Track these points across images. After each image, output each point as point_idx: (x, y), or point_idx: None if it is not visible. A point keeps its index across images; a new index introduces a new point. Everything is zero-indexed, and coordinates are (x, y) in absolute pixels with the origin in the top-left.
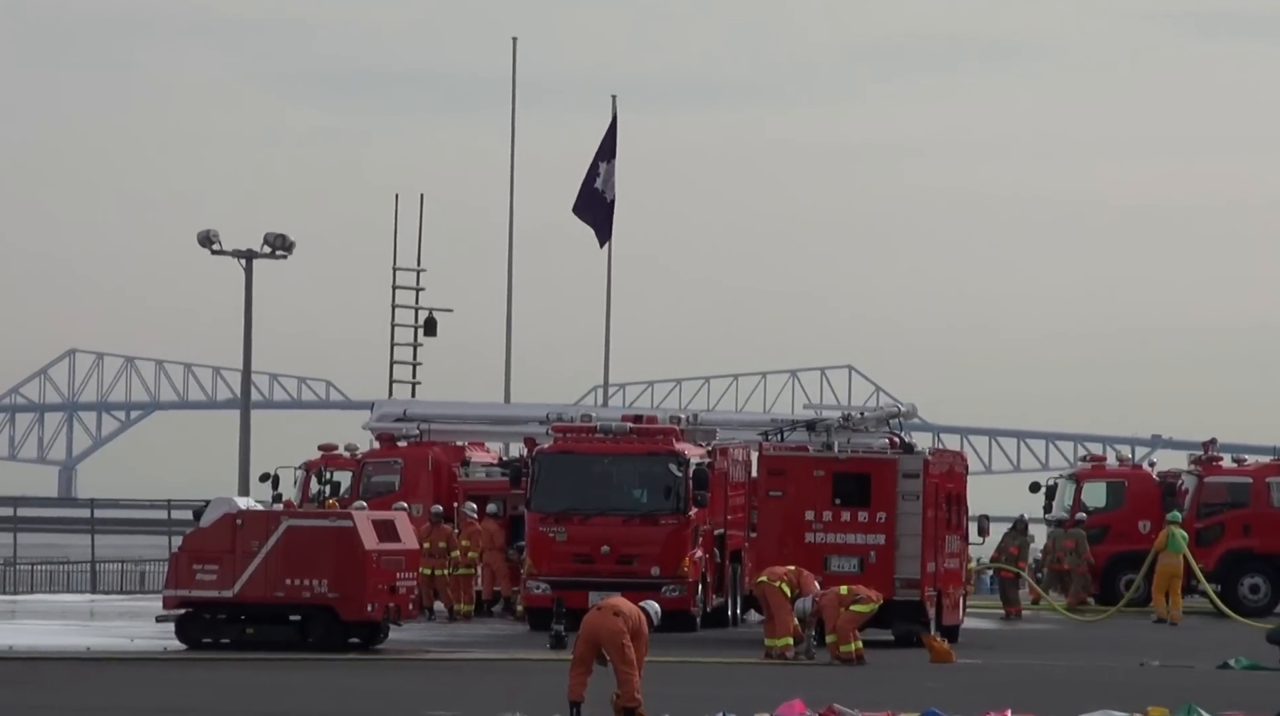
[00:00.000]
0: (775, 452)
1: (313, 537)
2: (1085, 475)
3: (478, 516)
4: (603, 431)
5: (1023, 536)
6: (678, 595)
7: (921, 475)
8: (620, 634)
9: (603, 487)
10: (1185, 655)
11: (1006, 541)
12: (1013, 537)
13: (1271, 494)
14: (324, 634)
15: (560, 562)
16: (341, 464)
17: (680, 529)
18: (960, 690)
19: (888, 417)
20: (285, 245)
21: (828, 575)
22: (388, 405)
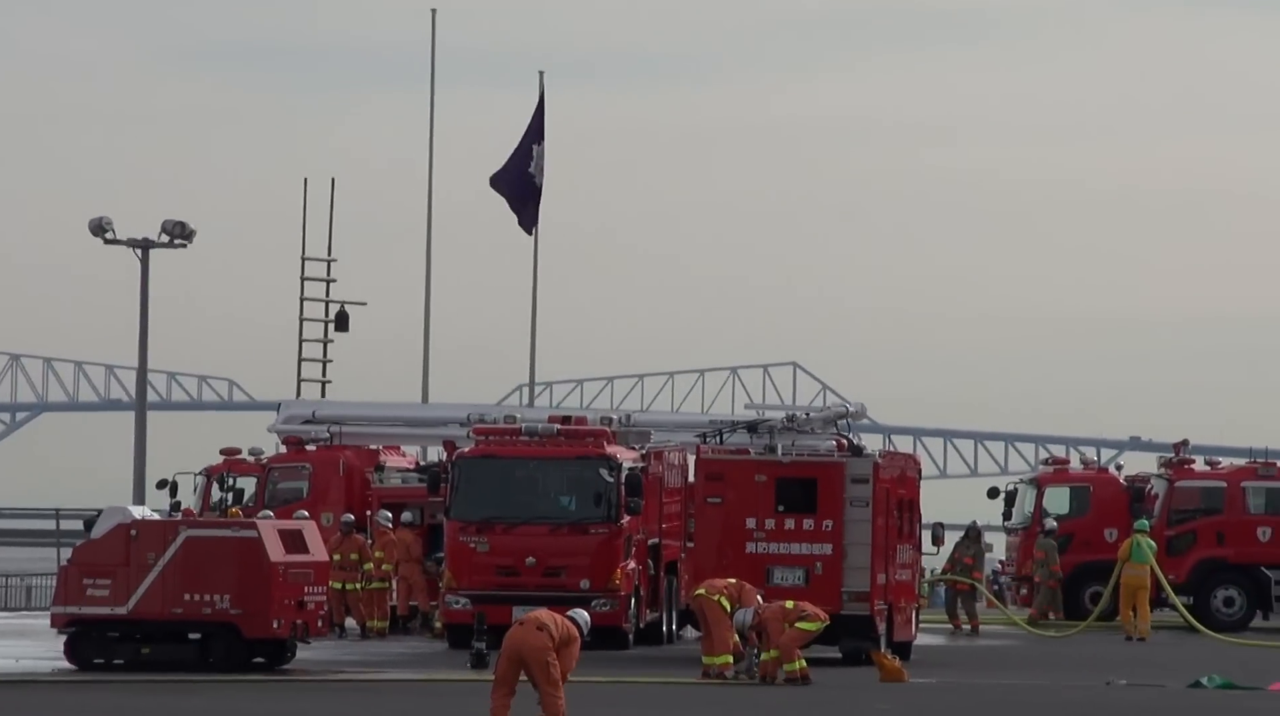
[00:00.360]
0: (714, 456)
1: (214, 549)
2: (1047, 479)
3: (392, 526)
4: (528, 433)
5: (976, 544)
6: (609, 610)
7: (871, 480)
8: (545, 651)
9: (528, 494)
10: (1155, 673)
11: (960, 550)
12: (966, 546)
13: (1247, 499)
14: (226, 653)
15: (482, 575)
16: (245, 469)
17: (612, 538)
18: (912, 711)
19: (835, 418)
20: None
21: (770, 588)
22: (295, 406)
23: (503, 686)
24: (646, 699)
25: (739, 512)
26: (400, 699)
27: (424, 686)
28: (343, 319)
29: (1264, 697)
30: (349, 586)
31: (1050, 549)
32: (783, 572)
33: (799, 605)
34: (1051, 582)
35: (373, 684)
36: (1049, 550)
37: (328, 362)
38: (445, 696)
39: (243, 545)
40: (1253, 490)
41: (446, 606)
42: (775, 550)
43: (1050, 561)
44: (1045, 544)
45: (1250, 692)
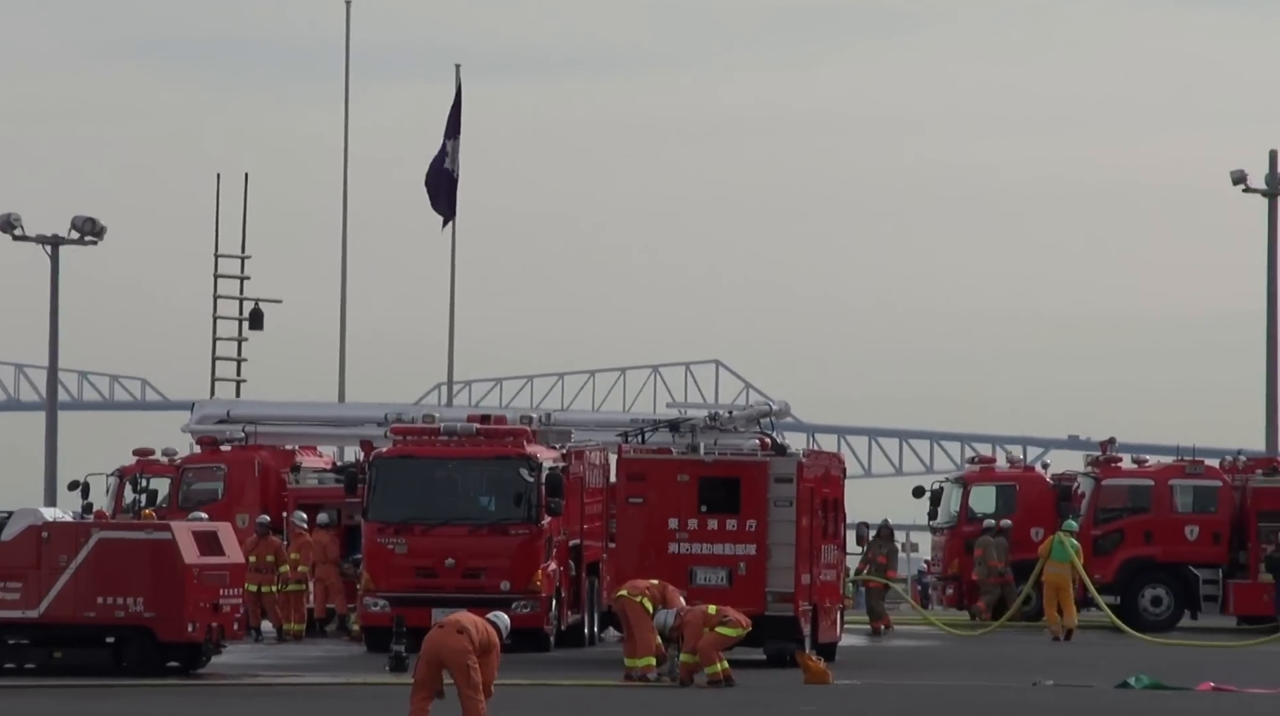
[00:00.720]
0: (636, 456)
1: (127, 551)
2: (973, 478)
3: (308, 527)
4: (447, 433)
5: (889, 543)
6: (530, 611)
7: (795, 479)
8: (465, 653)
9: (447, 495)
10: (1082, 674)
11: (873, 550)
12: (879, 546)
13: (1175, 498)
14: (140, 657)
15: (400, 577)
16: (159, 470)
17: (532, 539)
18: (838, 713)
19: (758, 417)
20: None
21: (693, 588)
22: (209, 406)
23: (422, 689)
24: (568, 702)
25: (661, 513)
26: (318, 702)
27: (342, 690)
28: (257, 317)
29: (1192, 698)
30: (265, 589)
31: (988, 546)
32: (706, 573)
33: (722, 610)
34: (993, 579)
35: (290, 687)
36: (987, 547)
37: (242, 361)
38: (363, 700)
39: (156, 547)
40: (1180, 488)
41: (364, 609)
42: (698, 550)
43: (988, 557)
44: (984, 542)
45: (1178, 692)
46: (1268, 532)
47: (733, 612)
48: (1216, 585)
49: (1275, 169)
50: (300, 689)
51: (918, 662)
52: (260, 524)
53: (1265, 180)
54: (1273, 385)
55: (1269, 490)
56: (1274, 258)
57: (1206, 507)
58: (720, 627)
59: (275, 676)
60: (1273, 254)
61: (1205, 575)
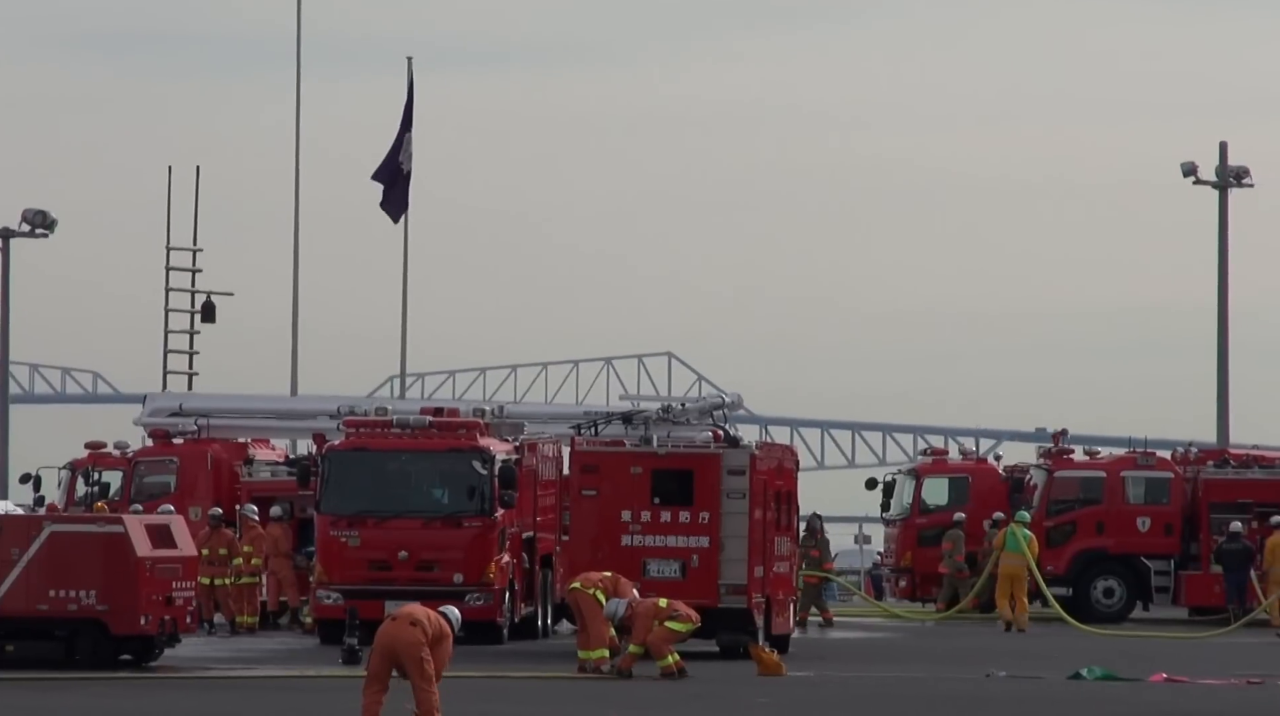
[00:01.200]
0: (589, 448)
1: (79, 544)
2: (926, 470)
3: (259, 519)
4: (399, 426)
5: (819, 536)
6: (483, 604)
7: (748, 471)
8: (418, 646)
9: (400, 487)
10: (1035, 665)
11: (804, 545)
12: (809, 540)
13: (1127, 489)
14: (92, 650)
15: (353, 570)
16: (111, 463)
17: (485, 532)
18: (791, 705)
19: (711, 409)
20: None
21: (647, 581)
22: (161, 398)
23: (375, 682)
24: (521, 694)
25: (614, 505)
26: (271, 695)
27: (295, 682)
28: (209, 309)
29: (1144, 689)
30: (218, 581)
31: (957, 540)
32: (659, 565)
33: (673, 604)
34: (961, 573)
35: (243, 680)
36: (956, 541)
37: (194, 354)
38: (316, 692)
39: (109, 540)
40: (1132, 480)
41: (317, 601)
42: (651, 543)
43: (957, 551)
44: (953, 535)
45: (1129, 685)
46: (1219, 524)
47: (683, 607)
48: (1168, 576)
49: (1226, 161)
50: (253, 682)
51: (871, 654)
52: (213, 516)
53: (1216, 172)
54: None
55: (1220, 482)
56: (1225, 250)
57: (1158, 499)
58: (670, 622)
59: (228, 669)
60: (1223, 246)
61: (1157, 566)
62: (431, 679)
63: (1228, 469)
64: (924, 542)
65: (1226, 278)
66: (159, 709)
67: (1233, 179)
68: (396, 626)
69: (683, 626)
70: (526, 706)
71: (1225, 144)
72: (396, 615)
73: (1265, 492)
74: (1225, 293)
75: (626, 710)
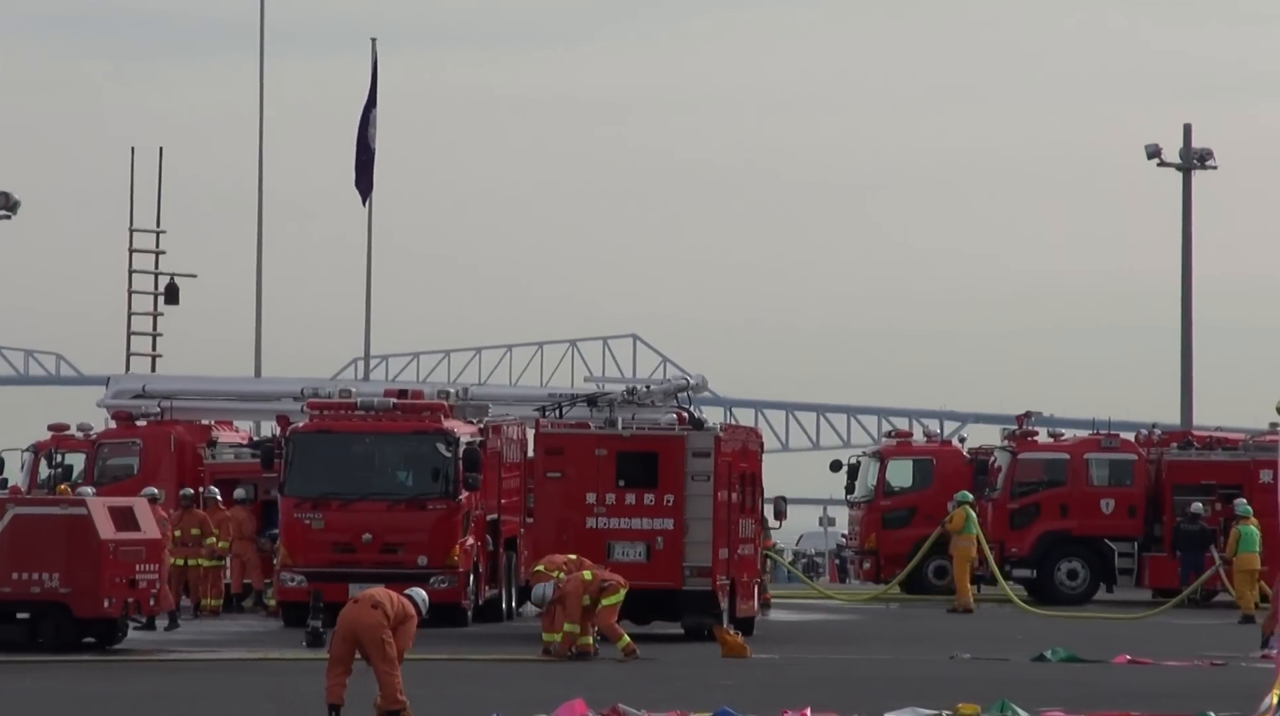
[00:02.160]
0: (553, 430)
1: (42, 527)
2: (890, 452)
3: (222, 502)
4: (364, 408)
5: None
6: (447, 586)
7: (713, 453)
8: (379, 628)
9: (364, 470)
10: (999, 647)
11: None
12: None
13: (1090, 471)
14: (55, 633)
15: (317, 552)
16: (74, 445)
17: (450, 514)
18: (756, 687)
19: (676, 391)
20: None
21: (612, 563)
22: (125, 380)
23: (338, 665)
24: (485, 676)
25: (579, 487)
26: (235, 678)
27: (259, 665)
28: (172, 291)
29: (1108, 670)
30: (191, 562)
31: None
32: (624, 548)
33: (598, 575)
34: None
35: (206, 663)
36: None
37: (158, 336)
38: (280, 675)
39: (72, 523)
40: (1096, 462)
41: (281, 584)
42: (616, 525)
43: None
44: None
45: (1093, 666)
46: (1182, 506)
47: (609, 575)
48: (1132, 558)
49: (1190, 143)
50: (217, 664)
51: (835, 636)
52: (184, 497)
53: (1180, 155)
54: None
55: (1184, 463)
56: (1189, 231)
57: (1122, 481)
58: (604, 599)
59: (192, 652)
60: (1187, 228)
61: (1121, 548)
62: (393, 661)
63: (1191, 451)
64: (888, 525)
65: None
66: (122, 691)
67: (1197, 161)
68: (358, 609)
69: (615, 597)
70: (491, 689)
71: (1189, 126)
72: (359, 597)
73: (1228, 474)
74: (1189, 274)
75: (592, 691)
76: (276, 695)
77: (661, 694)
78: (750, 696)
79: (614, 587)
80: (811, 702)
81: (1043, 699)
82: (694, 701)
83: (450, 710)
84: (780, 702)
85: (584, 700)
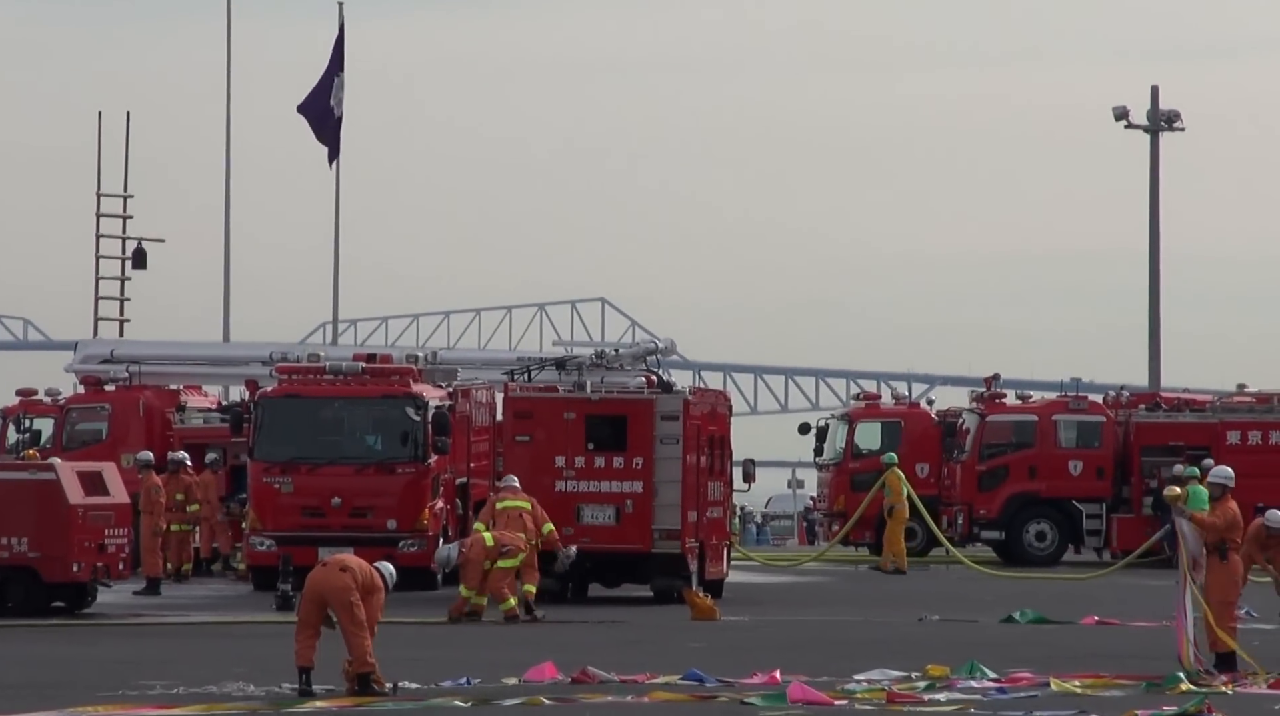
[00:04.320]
0: (522, 394)
1: (11, 492)
2: (859, 415)
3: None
4: (332, 372)
5: None
6: (417, 550)
7: (681, 416)
8: (348, 590)
9: (333, 434)
10: (968, 608)
11: None
12: None
13: (1059, 433)
14: (24, 597)
15: (287, 516)
16: (42, 410)
17: (419, 478)
18: (725, 649)
19: (644, 354)
20: None
21: (580, 526)
22: (93, 345)
23: (306, 628)
24: (455, 639)
25: (548, 451)
26: (204, 642)
27: (228, 628)
28: (140, 256)
29: (1076, 631)
30: (182, 527)
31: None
32: (593, 511)
33: (499, 540)
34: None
35: (176, 626)
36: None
37: (126, 301)
38: (250, 639)
39: (41, 487)
40: (1064, 423)
41: (251, 548)
42: (585, 488)
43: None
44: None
45: (1062, 627)
46: (1150, 467)
47: (509, 539)
48: (1100, 520)
49: (1157, 105)
50: (186, 628)
51: (804, 598)
52: (172, 461)
53: (1147, 116)
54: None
55: (1152, 425)
56: (1156, 194)
57: (1090, 443)
58: (502, 561)
59: (161, 616)
60: (1155, 190)
61: (1089, 510)
62: (363, 623)
63: (1159, 412)
64: (857, 487)
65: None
66: (92, 655)
67: (1164, 123)
68: (326, 572)
69: (511, 561)
70: (460, 652)
71: (1156, 88)
72: (327, 561)
73: (1196, 436)
74: (1157, 237)
75: (561, 654)
76: (246, 658)
77: (631, 656)
78: (720, 658)
79: (512, 552)
80: (781, 664)
81: (1012, 660)
82: (663, 664)
83: (420, 673)
84: (750, 665)
85: (553, 663)
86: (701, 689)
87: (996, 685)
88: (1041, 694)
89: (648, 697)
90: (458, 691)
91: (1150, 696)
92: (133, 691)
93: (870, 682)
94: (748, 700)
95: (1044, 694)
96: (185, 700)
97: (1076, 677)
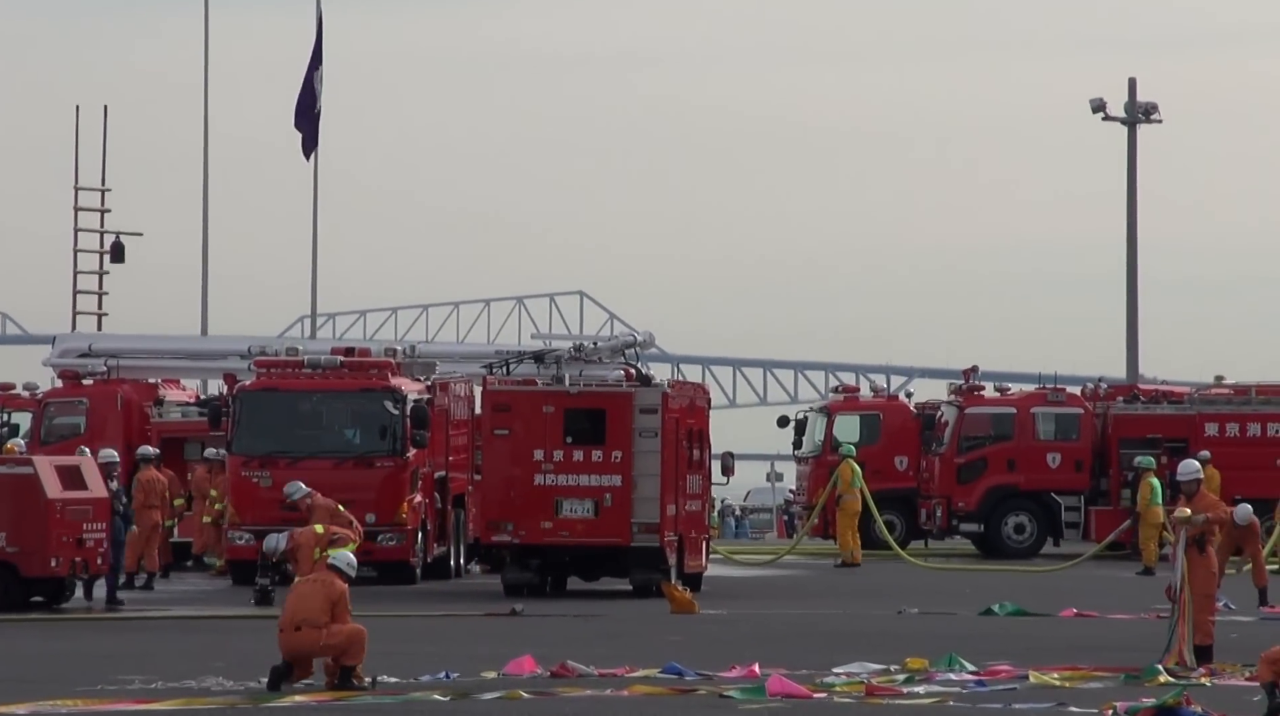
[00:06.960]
0: (501, 387)
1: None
2: (838, 407)
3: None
4: (311, 366)
5: None
6: (396, 544)
7: (660, 409)
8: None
9: (311, 428)
10: (947, 601)
11: None
12: None
13: (1037, 425)
14: (3, 592)
15: (265, 510)
16: (20, 404)
17: (397, 472)
18: (704, 643)
19: (623, 347)
20: None
21: (560, 519)
22: (71, 339)
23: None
24: (434, 633)
25: (527, 444)
26: (184, 636)
27: (208, 623)
28: (118, 250)
29: (1055, 623)
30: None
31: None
32: (572, 504)
33: (330, 528)
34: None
35: (155, 621)
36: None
37: (104, 294)
38: (230, 633)
39: (18, 482)
40: (1043, 416)
41: (229, 542)
42: (564, 482)
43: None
44: None
45: (1041, 620)
46: (1128, 460)
47: (340, 529)
48: (1078, 512)
49: (1135, 97)
50: (166, 622)
51: (783, 592)
52: (207, 456)
53: (1125, 108)
54: (1133, 313)
55: (1130, 417)
56: (1134, 186)
57: (1068, 435)
58: (333, 548)
59: (140, 610)
60: (1132, 182)
61: (1067, 502)
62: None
63: (1137, 404)
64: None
65: (1135, 213)
66: (70, 650)
67: (1141, 115)
68: (292, 639)
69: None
70: (439, 646)
71: (1134, 80)
72: (283, 625)
73: (1174, 428)
74: (1135, 228)
75: (540, 648)
76: (226, 653)
77: (610, 650)
78: (698, 652)
79: (343, 541)
80: (760, 657)
81: (990, 652)
82: (642, 657)
83: (400, 667)
84: (729, 658)
85: (532, 656)
86: (681, 682)
87: (975, 677)
88: (1020, 686)
89: (627, 691)
90: (437, 685)
91: (1129, 688)
92: (111, 686)
93: (849, 675)
94: (727, 693)
95: (1023, 686)
96: (164, 695)
97: (1055, 670)
